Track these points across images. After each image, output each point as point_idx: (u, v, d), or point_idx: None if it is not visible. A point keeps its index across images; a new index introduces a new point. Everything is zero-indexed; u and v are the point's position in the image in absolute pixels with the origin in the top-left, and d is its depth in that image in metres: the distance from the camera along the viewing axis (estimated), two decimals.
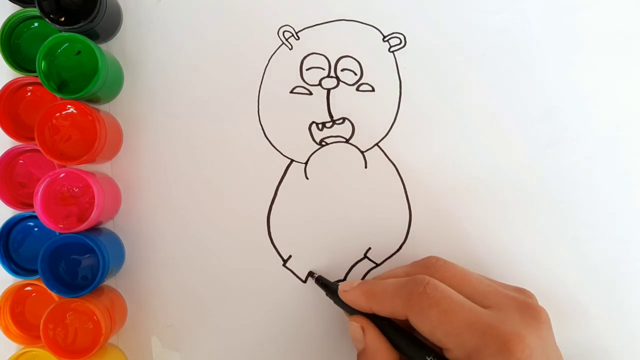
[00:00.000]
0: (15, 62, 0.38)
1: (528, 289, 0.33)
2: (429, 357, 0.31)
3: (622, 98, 0.40)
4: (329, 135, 0.39)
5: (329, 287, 0.36)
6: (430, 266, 0.34)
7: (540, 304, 0.32)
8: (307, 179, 0.39)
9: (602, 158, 0.39)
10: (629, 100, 0.40)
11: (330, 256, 0.39)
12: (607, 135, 0.39)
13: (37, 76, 0.36)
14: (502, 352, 0.28)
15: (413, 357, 0.32)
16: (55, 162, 0.36)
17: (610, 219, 0.39)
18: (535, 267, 0.38)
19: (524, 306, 0.31)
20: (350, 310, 0.34)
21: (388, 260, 0.38)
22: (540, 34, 0.40)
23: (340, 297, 0.34)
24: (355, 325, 0.33)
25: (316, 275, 0.37)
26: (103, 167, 0.39)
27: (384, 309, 0.32)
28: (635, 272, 0.39)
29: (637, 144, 0.39)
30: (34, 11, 0.37)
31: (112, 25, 0.39)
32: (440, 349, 0.31)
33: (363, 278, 0.39)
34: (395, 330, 0.33)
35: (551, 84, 0.39)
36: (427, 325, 0.30)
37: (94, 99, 0.38)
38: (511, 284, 0.34)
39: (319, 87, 0.39)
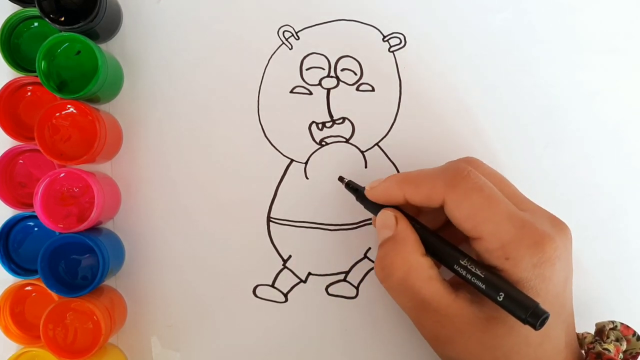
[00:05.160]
0: (15, 62, 0.38)
1: None
2: (463, 260, 0.30)
3: (623, 97, 0.40)
4: (329, 135, 0.39)
5: (359, 191, 0.35)
6: (470, 162, 0.34)
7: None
8: (307, 179, 0.39)
9: (603, 157, 0.39)
10: (630, 100, 0.40)
11: (330, 256, 0.39)
12: (608, 134, 0.39)
13: (37, 76, 0.36)
14: (536, 246, 0.29)
15: (447, 258, 0.31)
16: (55, 162, 0.36)
17: (612, 218, 0.39)
18: None
19: (554, 219, 0.32)
20: (377, 210, 0.34)
21: None
22: (541, 33, 0.40)
23: (367, 194, 0.34)
24: (389, 212, 0.33)
25: (346, 180, 0.37)
26: (103, 167, 0.39)
27: (419, 192, 0.32)
28: (638, 271, 0.39)
29: (639, 143, 0.39)
30: (34, 11, 0.37)
31: (112, 25, 0.39)
32: (467, 241, 0.31)
33: (363, 278, 0.39)
34: (427, 231, 0.32)
35: (551, 84, 0.39)
36: (467, 208, 0.30)
37: (94, 99, 0.38)
38: None
39: (319, 87, 0.39)
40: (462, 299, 0.31)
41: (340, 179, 0.37)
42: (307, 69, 0.39)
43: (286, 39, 0.40)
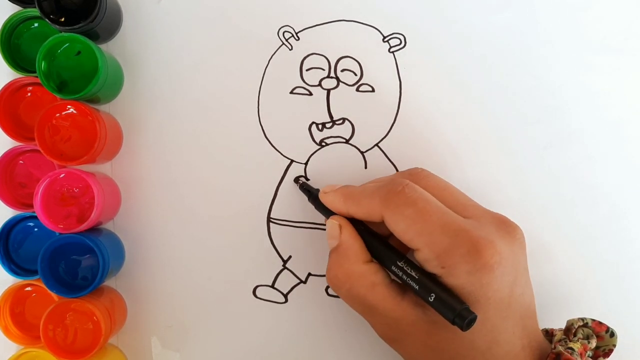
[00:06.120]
0: (15, 62, 0.38)
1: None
2: (400, 261, 0.31)
3: (625, 98, 0.40)
4: (329, 135, 0.39)
5: (311, 193, 0.37)
6: (414, 174, 0.34)
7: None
8: (307, 179, 0.39)
9: (603, 158, 0.39)
10: (631, 100, 0.40)
11: None
12: (610, 135, 0.39)
13: (37, 76, 0.36)
14: (472, 253, 0.29)
15: (385, 260, 0.32)
16: (55, 162, 0.36)
17: (613, 219, 0.39)
18: (536, 266, 0.38)
19: (500, 221, 0.32)
20: (329, 215, 0.35)
21: None
22: (542, 33, 0.40)
23: (320, 199, 0.35)
24: (333, 222, 0.34)
25: (301, 181, 0.38)
26: (103, 167, 0.39)
27: (360, 210, 0.33)
28: (638, 271, 0.39)
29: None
30: (34, 11, 0.37)
31: (112, 25, 0.39)
32: (412, 252, 0.31)
33: None
34: (370, 234, 0.33)
35: (552, 84, 0.39)
36: (401, 224, 0.31)
37: (94, 99, 0.38)
38: None
39: (319, 87, 0.39)
40: (408, 302, 0.32)
41: (296, 179, 0.38)
42: (307, 70, 0.39)
43: (286, 40, 0.40)
